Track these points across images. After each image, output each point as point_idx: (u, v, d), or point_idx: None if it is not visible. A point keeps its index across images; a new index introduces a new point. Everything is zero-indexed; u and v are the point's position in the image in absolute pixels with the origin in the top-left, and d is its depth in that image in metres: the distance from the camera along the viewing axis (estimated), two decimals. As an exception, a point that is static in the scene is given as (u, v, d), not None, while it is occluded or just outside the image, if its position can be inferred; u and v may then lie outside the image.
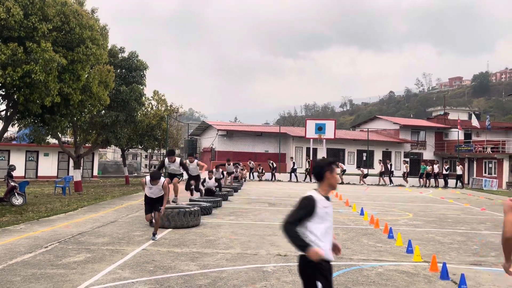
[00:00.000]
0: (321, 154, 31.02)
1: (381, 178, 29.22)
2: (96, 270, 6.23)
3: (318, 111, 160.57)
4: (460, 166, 30.35)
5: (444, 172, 29.82)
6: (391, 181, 29.16)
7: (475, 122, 38.75)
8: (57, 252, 7.32)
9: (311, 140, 30.88)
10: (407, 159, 35.94)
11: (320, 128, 30.36)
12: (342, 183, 28.35)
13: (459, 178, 29.40)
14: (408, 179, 29.64)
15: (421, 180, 29.47)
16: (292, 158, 32.90)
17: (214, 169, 18.18)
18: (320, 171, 3.62)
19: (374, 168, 34.39)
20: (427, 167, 29.39)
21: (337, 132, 33.48)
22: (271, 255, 7.53)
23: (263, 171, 30.45)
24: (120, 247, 7.83)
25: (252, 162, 31.41)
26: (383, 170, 29.35)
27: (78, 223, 10.49)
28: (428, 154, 41.24)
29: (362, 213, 12.96)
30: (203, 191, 15.69)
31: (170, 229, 9.68)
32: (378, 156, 37.84)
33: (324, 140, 30.72)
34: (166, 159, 11.82)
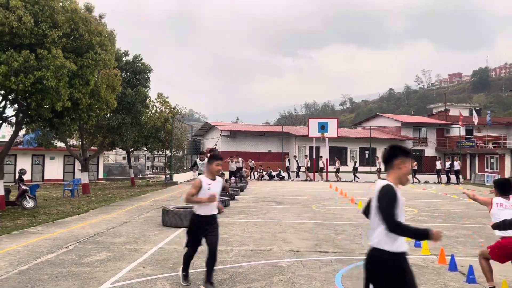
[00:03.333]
0: (324, 152, 31.30)
1: (307, 173, 29.86)
2: (118, 268, 6.51)
3: (318, 109, 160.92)
4: (458, 161, 30.63)
5: (447, 168, 30.08)
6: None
7: (475, 118, 39.02)
8: (78, 251, 7.60)
9: (314, 139, 31.17)
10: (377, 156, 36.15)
11: (323, 127, 30.65)
12: (339, 180, 28.88)
13: (458, 173, 29.69)
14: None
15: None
16: (295, 156, 33.21)
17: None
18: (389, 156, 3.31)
19: (375, 165, 34.64)
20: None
21: (339, 131, 33.75)
22: (284, 251, 7.80)
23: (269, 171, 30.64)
24: (137, 246, 8.11)
25: (252, 161, 31.57)
26: (338, 166, 30.09)
27: (92, 224, 10.77)
28: (430, 151, 41.50)
29: (368, 210, 13.22)
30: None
31: (183, 228, 9.95)
32: (380, 153, 38.11)
33: (327, 139, 31.01)
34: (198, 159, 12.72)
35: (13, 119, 14.85)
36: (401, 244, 3.19)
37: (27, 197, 14.65)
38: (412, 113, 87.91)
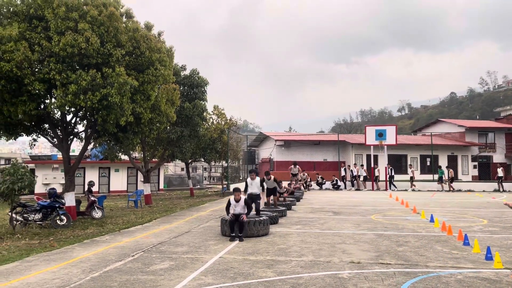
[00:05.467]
0: (382, 160, 30.35)
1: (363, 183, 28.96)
2: (181, 277, 6.70)
3: (374, 116, 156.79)
4: (501, 168, 28.47)
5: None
6: (394, 186, 28.76)
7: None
8: (143, 260, 7.93)
9: (372, 147, 30.35)
10: (411, 164, 34.18)
11: (380, 134, 29.76)
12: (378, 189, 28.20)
13: (499, 180, 27.75)
14: (415, 183, 28.67)
15: (442, 185, 27.95)
16: (349, 166, 32.47)
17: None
18: None
19: (436, 173, 33.03)
20: (445, 170, 28.18)
21: (398, 138, 32.61)
22: (344, 262, 7.63)
23: (324, 180, 30.30)
24: (198, 255, 8.31)
25: (306, 173, 31.07)
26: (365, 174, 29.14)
27: (155, 233, 11.19)
28: (498, 157, 38.91)
29: (432, 220, 12.62)
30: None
31: (241, 238, 10.06)
32: (442, 161, 36.27)
33: (385, 147, 30.07)
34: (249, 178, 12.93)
35: (83, 134, 15.86)
36: None
37: (95, 207, 15.55)
38: (477, 118, 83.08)
